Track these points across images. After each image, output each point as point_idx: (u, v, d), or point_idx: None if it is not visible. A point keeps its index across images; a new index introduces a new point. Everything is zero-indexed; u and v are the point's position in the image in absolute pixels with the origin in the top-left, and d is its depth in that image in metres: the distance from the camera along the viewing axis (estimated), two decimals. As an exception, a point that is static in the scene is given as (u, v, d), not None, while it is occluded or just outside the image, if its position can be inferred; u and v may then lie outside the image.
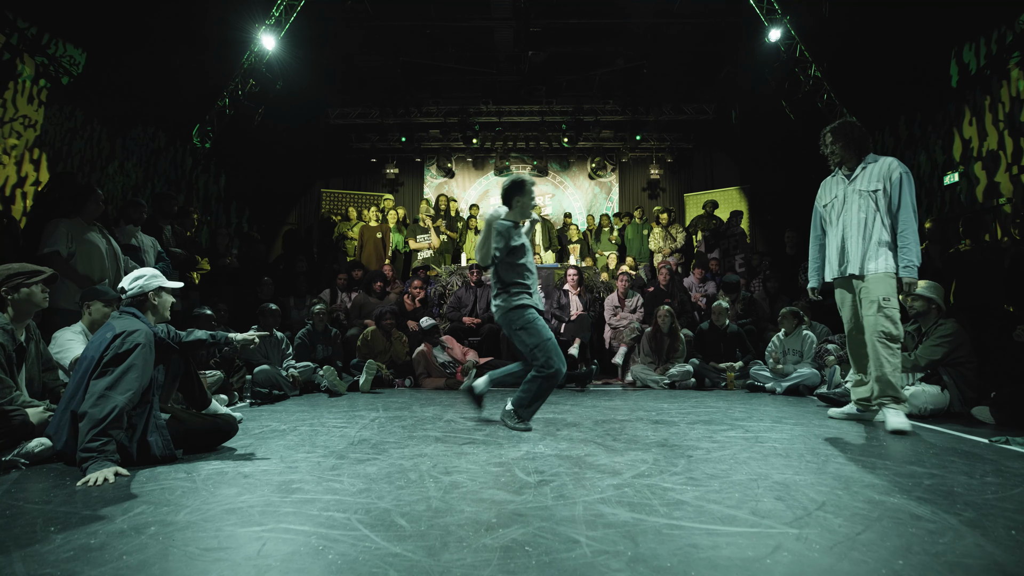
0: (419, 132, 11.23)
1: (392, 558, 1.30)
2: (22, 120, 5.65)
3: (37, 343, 2.73)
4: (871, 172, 3.19)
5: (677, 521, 1.56)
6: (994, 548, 1.37)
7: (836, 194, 3.33)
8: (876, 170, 3.17)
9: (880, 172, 3.15)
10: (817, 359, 5.02)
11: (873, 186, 3.15)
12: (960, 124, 6.40)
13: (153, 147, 7.61)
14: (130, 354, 2.24)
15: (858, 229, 3.17)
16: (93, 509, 1.68)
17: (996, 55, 5.88)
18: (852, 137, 3.24)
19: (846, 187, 3.27)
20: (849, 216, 3.22)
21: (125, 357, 2.23)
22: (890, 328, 3.06)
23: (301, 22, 7.96)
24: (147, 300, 2.56)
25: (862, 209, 3.17)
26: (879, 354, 3.09)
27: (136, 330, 2.31)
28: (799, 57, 8.16)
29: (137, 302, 2.54)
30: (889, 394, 3.08)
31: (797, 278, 6.64)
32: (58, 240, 3.80)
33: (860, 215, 3.17)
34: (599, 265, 8.25)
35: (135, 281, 2.55)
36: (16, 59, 5.52)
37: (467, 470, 2.16)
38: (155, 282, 2.58)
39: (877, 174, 3.16)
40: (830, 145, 3.31)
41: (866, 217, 3.15)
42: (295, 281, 6.68)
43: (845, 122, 3.32)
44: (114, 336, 2.28)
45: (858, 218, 3.18)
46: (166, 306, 2.63)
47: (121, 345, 2.25)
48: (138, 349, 2.26)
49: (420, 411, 3.83)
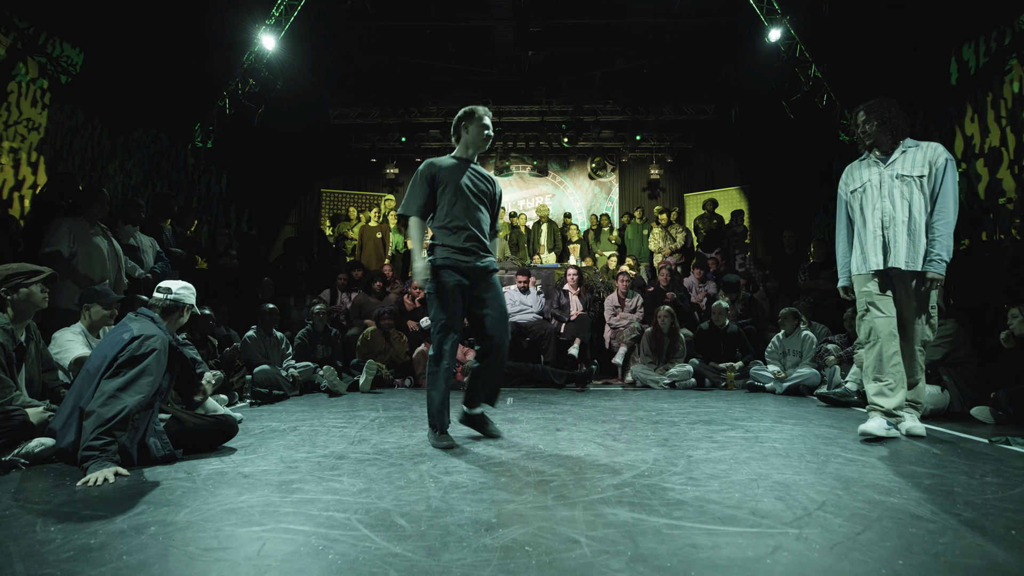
0: (419, 132, 11.23)
1: (392, 558, 1.30)
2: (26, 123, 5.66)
3: (37, 343, 2.73)
4: (913, 157, 2.87)
5: (677, 521, 1.56)
6: (994, 548, 1.37)
7: (868, 179, 2.97)
8: (920, 155, 2.87)
9: (924, 157, 2.85)
10: (817, 359, 5.03)
11: (917, 171, 2.83)
12: (962, 122, 6.39)
13: (155, 149, 7.62)
14: (146, 358, 2.24)
15: (901, 218, 2.84)
16: (93, 509, 1.68)
17: (996, 53, 5.88)
18: (890, 117, 2.91)
19: (881, 171, 2.92)
20: (890, 204, 2.87)
21: (141, 360, 2.23)
22: (932, 338, 2.98)
23: (301, 22, 7.97)
24: (179, 312, 2.58)
25: (905, 196, 2.84)
26: (917, 362, 2.96)
27: (154, 335, 2.31)
28: (799, 57, 8.16)
29: (169, 309, 2.55)
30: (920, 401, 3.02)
31: (797, 278, 6.64)
32: (60, 240, 3.80)
33: (904, 202, 2.84)
34: (599, 265, 8.25)
35: (183, 289, 2.58)
36: (20, 62, 5.52)
37: (467, 470, 2.16)
38: (191, 300, 2.62)
39: (922, 159, 2.85)
40: (863, 125, 2.98)
41: (911, 205, 2.83)
42: (295, 281, 6.68)
43: (883, 100, 2.97)
44: (132, 338, 2.27)
45: (901, 206, 2.84)
46: (182, 323, 2.66)
47: (138, 348, 2.25)
48: (154, 354, 2.26)
49: (420, 411, 3.83)
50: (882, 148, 2.96)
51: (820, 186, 8.49)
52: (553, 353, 6.16)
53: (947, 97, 6.62)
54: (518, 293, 6.59)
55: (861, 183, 3.00)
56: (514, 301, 6.54)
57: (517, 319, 6.40)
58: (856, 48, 7.67)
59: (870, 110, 2.95)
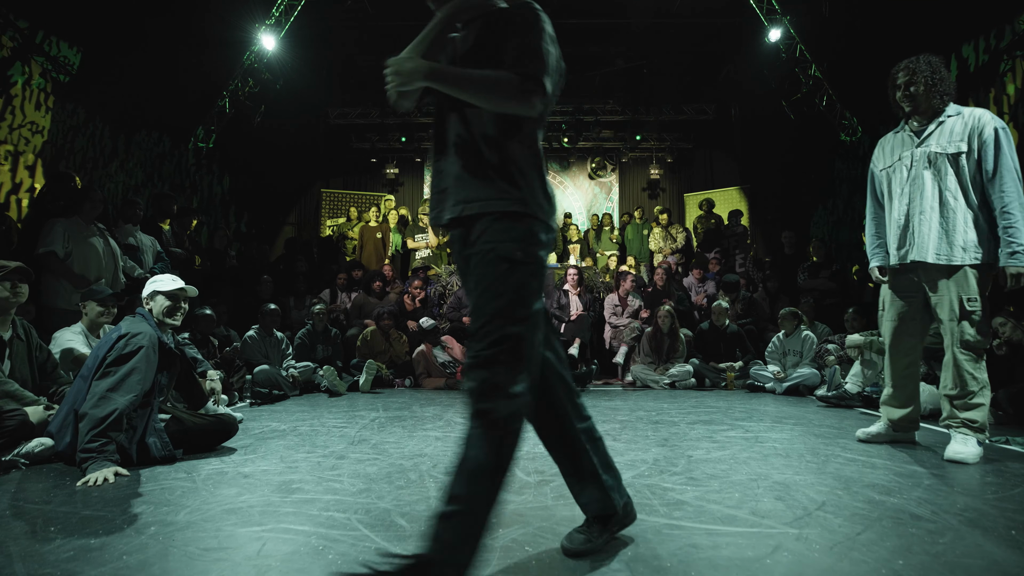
0: (419, 132, 11.22)
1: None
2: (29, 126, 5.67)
3: (29, 343, 2.70)
4: (950, 128, 2.45)
5: (677, 521, 1.56)
6: (994, 548, 1.37)
7: (900, 155, 2.58)
8: (958, 125, 2.43)
9: (965, 128, 2.41)
10: (817, 359, 5.03)
11: (954, 147, 2.41)
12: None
13: (158, 151, 7.64)
14: (133, 356, 2.24)
15: (931, 204, 2.44)
16: (93, 509, 1.68)
17: (995, 51, 5.87)
18: (940, 78, 2.47)
19: (914, 147, 2.53)
20: (918, 187, 2.48)
21: (128, 359, 2.23)
22: (977, 338, 2.39)
23: (301, 22, 7.97)
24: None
25: (937, 177, 2.44)
26: (963, 370, 2.40)
27: (140, 333, 2.31)
28: (799, 57, 8.16)
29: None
30: (965, 418, 2.40)
31: (797, 278, 6.64)
32: (54, 240, 3.80)
33: (934, 185, 2.45)
34: (599, 265, 8.25)
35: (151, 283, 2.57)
36: (23, 64, 5.53)
37: (467, 470, 2.15)
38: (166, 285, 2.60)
39: (961, 131, 2.41)
40: (905, 87, 2.53)
41: (942, 189, 2.43)
42: (295, 281, 6.68)
43: (929, 57, 2.51)
44: (119, 337, 2.28)
45: (932, 190, 2.44)
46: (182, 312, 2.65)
47: (125, 347, 2.25)
48: (141, 352, 2.26)
49: (420, 411, 3.83)
50: (922, 116, 2.54)
51: (820, 186, 8.50)
52: (553, 353, 6.15)
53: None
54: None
55: (892, 161, 2.63)
56: (514, 301, 6.53)
57: (517, 319, 6.38)
58: (856, 48, 7.67)
59: (916, 70, 2.50)
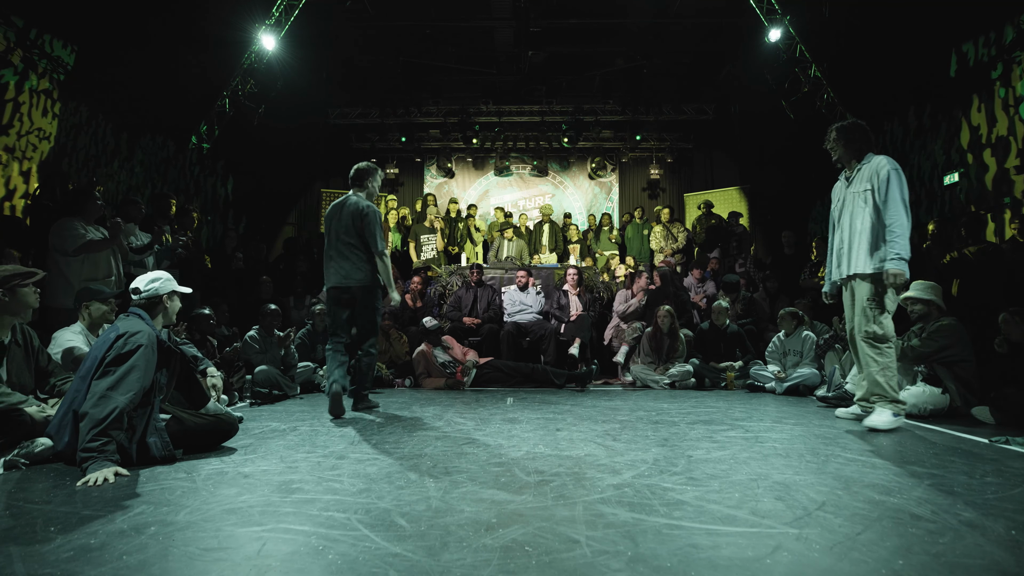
0: (419, 132, 11.23)
1: (392, 558, 1.30)
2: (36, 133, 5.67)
3: (28, 346, 2.69)
4: (864, 172, 3.23)
5: (677, 521, 1.55)
6: (994, 548, 1.37)
7: (840, 197, 3.37)
8: (867, 170, 3.21)
9: (870, 171, 3.19)
10: (817, 359, 5.02)
11: (864, 186, 3.19)
12: (968, 112, 6.35)
13: (162, 156, 7.66)
14: (132, 355, 2.24)
15: (850, 230, 3.23)
16: (93, 509, 1.68)
17: (996, 51, 5.86)
18: (851, 138, 3.28)
19: (845, 190, 3.33)
20: (847, 218, 3.27)
21: (127, 358, 2.23)
22: (874, 329, 3.13)
23: (301, 22, 7.96)
24: (160, 303, 2.57)
25: (857, 211, 3.21)
26: (865, 353, 3.19)
27: (139, 331, 2.31)
28: (799, 57, 8.16)
29: (150, 304, 2.54)
30: (877, 393, 3.16)
31: (797, 278, 6.64)
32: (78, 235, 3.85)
33: (855, 217, 3.22)
34: (599, 265, 8.25)
35: (151, 283, 2.55)
36: (29, 69, 5.53)
37: (467, 470, 2.16)
38: (169, 285, 2.59)
39: (868, 174, 3.19)
40: (832, 142, 3.35)
41: (860, 218, 3.19)
42: (295, 281, 6.68)
43: (851, 123, 3.33)
44: (117, 336, 2.28)
45: (851, 220, 3.24)
46: (174, 310, 2.64)
47: (124, 346, 2.25)
48: (140, 350, 2.25)
49: (420, 411, 3.83)
50: (848, 167, 3.33)
51: (820, 186, 8.48)
52: (553, 353, 6.16)
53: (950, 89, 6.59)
54: (518, 293, 6.58)
55: (837, 202, 3.39)
56: (514, 301, 6.54)
57: (517, 319, 6.40)
58: (856, 48, 7.67)
59: (839, 131, 3.30)
